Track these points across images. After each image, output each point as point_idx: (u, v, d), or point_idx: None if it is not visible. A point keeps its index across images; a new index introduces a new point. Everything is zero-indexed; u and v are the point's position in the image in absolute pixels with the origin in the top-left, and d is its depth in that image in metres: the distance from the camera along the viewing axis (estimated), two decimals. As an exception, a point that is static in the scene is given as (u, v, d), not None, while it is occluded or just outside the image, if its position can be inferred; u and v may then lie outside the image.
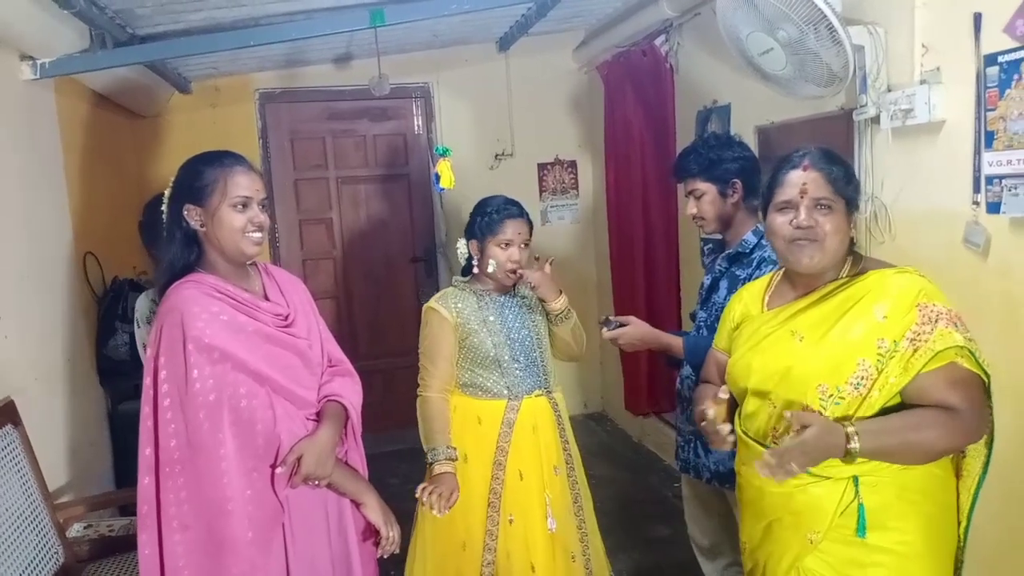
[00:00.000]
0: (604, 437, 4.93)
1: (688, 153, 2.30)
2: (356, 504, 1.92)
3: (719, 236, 2.35)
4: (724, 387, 1.68)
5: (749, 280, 2.17)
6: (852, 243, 1.66)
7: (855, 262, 1.66)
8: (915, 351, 1.50)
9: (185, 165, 1.82)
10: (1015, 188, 1.99)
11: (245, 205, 1.77)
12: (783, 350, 1.64)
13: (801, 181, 1.61)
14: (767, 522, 1.66)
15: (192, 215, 1.77)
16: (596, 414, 5.28)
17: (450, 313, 2.29)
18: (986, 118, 2.06)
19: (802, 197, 1.60)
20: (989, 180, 2.07)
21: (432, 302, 2.34)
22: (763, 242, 2.21)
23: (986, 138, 2.07)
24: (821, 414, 1.53)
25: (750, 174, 2.25)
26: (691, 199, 2.30)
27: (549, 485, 2.29)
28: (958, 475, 1.64)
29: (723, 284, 2.27)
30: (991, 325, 2.05)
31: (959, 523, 1.64)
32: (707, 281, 2.36)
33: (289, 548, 1.76)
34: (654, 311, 4.17)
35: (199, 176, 1.77)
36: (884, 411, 1.54)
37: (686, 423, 2.39)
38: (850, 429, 1.47)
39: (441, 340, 2.29)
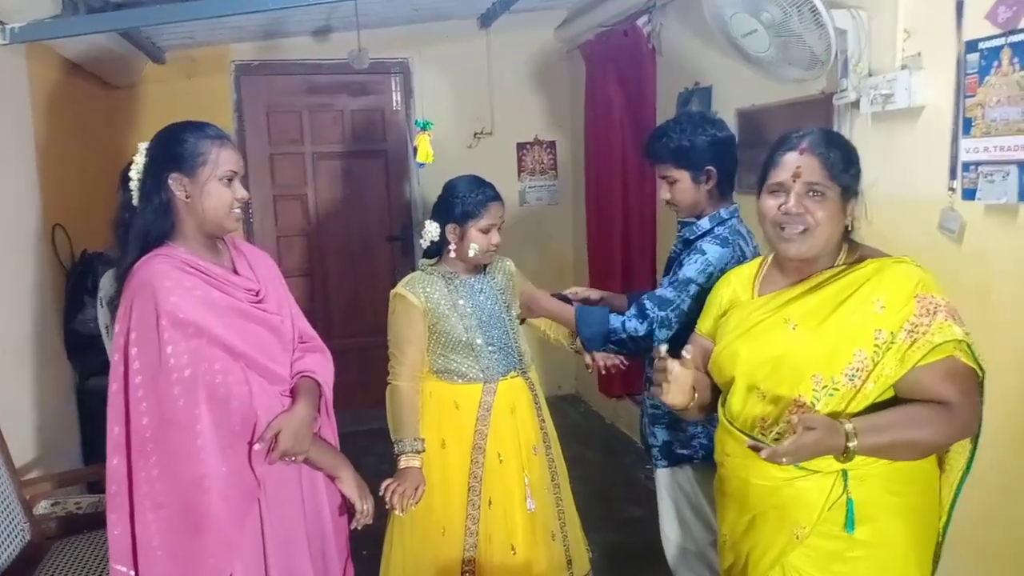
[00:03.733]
0: (578, 419, 4.95)
1: (660, 136, 2.17)
2: (331, 478, 1.92)
3: (693, 219, 2.27)
4: (687, 347, 1.59)
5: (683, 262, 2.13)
6: (848, 231, 1.60)
7: (851, 250, 1.61)
8: (913, 343, 1.47)
9: (169, 132, 1.76)
10: (991, 175, 2.00)
11: (231, 180, 1.75)
12: (775, 338, 1.58)
13: (795, 164, 1.55)
14: (751, 516, 1.62)
15: (178, 184, 1.72)
16: (570, 396, 5.30)
17: (418, 299, 2.23)
18: (965, 105, 2.07)
19: (794, 181, 1.54)
20: (966, 167, 2.09)
21: (399, 288, 2.27)
22: (715, 229, 2.14)
23: (964, 125, 2.08)
24: (826, 416, 1.48)
25: (725, 156, 2.16)
26: (664, 184, 2.21)
27: (528, 466, 2.28)
28: (941, 468, 1.62)
29: (675, 268, 2.19)
30: (964, 311, 2.02)
31: (939, 517, 1.61)
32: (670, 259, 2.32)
33: (265, 524, 1.75)
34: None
35: (188, 146, 1.72)
36: (876, 405, 1.51)
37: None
38: (848, 427, 1.43)
39: (409, 327, 2.24)
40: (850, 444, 1.42)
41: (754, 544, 1.62)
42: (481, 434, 2.25)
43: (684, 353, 1.59)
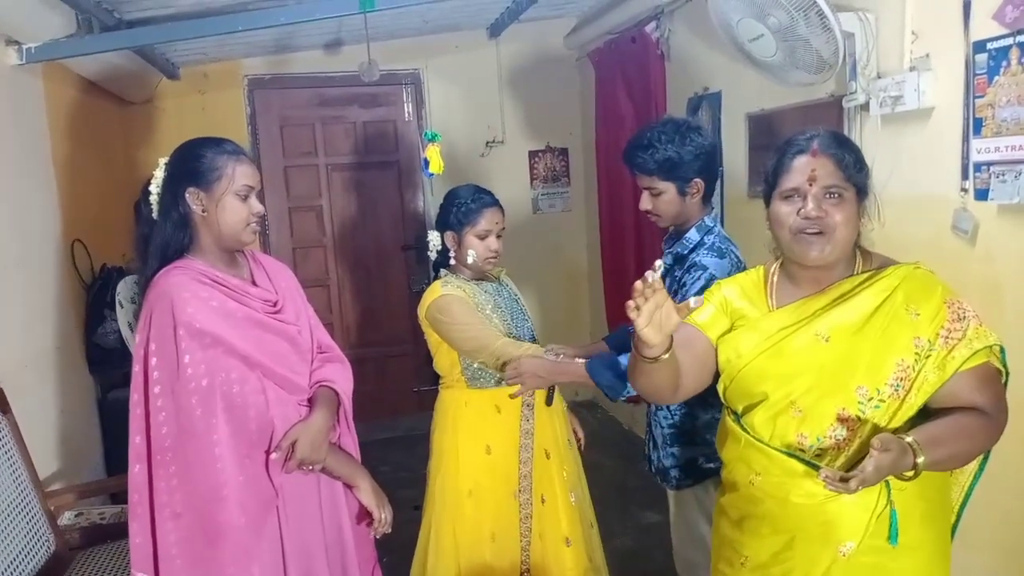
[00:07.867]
0: (595, 425, 4.94)
1: (644, 146, 2.08)
2: (349, 487, 1.93)
3: (676, 230, 2.19)
4: (659, 263, 1.34)
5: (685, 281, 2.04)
6: (858, 236, 1.54)
7: (867, 258, 1.57)
8: (951, 350, 1.45)
9: (187, 148, 1.80)
10: (1003, 175, 2.00)
11: (247, 195, 1.78)
12: (809, 353, 1.52)
13: (810, 167, 1.49)
14: (788, 537, 1.52)
15: (195, 199, 1.76)
16: (587, 402, 5.28)
17: (464, 294, 2.24)
18: (974, 105, 2.07)
19: (811, 185, 1.48)
20: (977, 167, 2.08)
21: (445, 289, 2.23)
22: (705, 239, 2.08)
23: (974, 125, 2.08)
24: (895, 433, 1.41)
25: (711, 166, 2.11)
26: (646, 194, 2.13)
27: (565, 460, 2.33)
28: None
29: (666, 281, 2.10)
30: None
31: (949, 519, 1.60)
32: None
33: (283, 533, 1.77)
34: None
35: (205, 161, 1.76)
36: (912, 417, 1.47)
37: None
38: (910, 440, 1.36)
39: (470, 311, 2.20)
40: (919, 460, 1.35)
41: (790, 567, 1.53)
42: (527, 433, 2.28)
43: (657, 264, 1.34)
